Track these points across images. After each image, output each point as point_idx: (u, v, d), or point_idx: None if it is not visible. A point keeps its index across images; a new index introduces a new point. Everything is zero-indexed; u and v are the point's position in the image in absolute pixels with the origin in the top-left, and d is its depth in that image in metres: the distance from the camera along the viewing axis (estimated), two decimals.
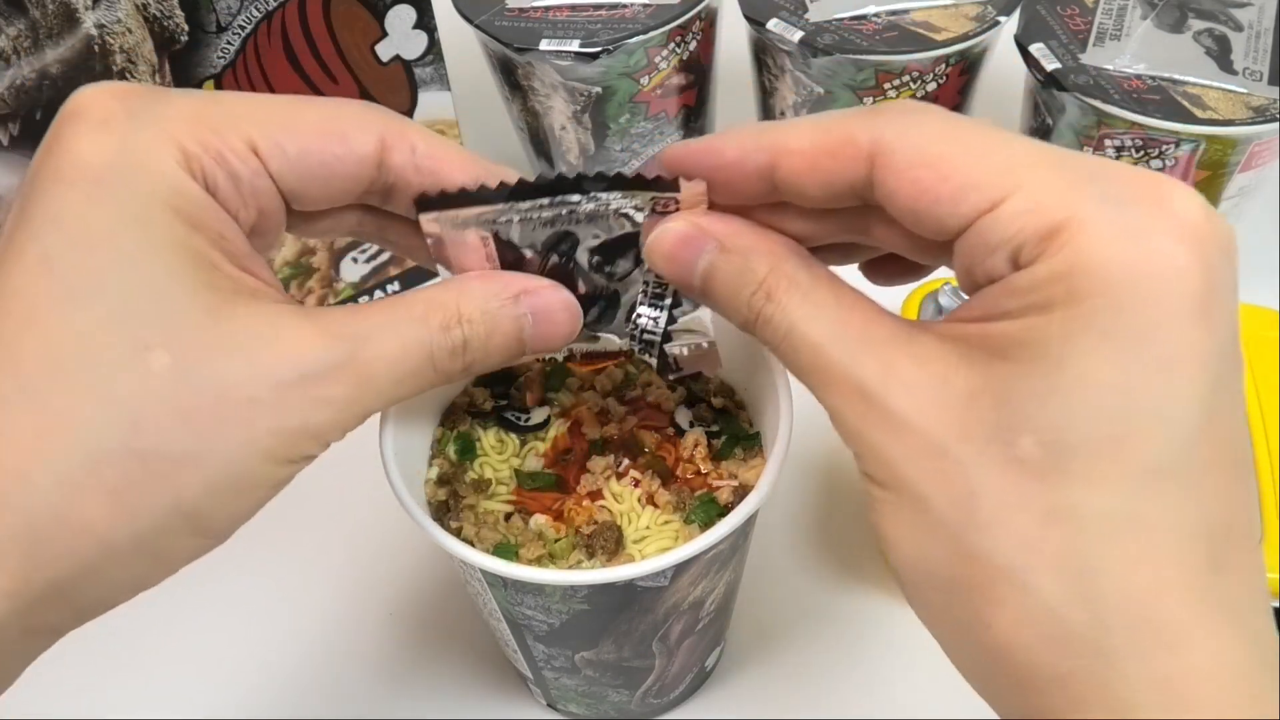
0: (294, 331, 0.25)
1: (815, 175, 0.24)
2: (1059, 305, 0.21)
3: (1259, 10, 0.49)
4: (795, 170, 0.25)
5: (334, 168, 0.26)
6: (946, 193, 0.22)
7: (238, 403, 0.24)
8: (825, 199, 0.25)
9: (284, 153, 0.26)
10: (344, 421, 0.26)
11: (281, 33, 0.46)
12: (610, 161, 0.55)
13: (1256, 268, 0.56)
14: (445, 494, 0.35)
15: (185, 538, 0.24)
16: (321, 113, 0.27)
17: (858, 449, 0.24)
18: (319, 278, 0.55)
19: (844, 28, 0.49)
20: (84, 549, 0.23)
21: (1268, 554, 0.39)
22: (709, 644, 0.40)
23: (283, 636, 0.46)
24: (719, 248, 0.26)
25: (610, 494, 0.34)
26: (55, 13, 0.40)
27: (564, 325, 0.29)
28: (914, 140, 0.23)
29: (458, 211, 0.28)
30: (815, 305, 0.25)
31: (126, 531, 0.23)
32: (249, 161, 0.25)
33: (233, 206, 0.25)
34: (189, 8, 0.43)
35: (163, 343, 0.23)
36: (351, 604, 0.47)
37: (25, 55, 0.40)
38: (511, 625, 0.36)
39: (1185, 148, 0.45)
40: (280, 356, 0.24)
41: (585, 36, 0.49)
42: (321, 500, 0.50)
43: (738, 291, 0.26)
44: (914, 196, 0.23)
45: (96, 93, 0.25)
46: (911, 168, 0.23)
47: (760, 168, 0.25)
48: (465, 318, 0.27)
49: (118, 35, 0.42)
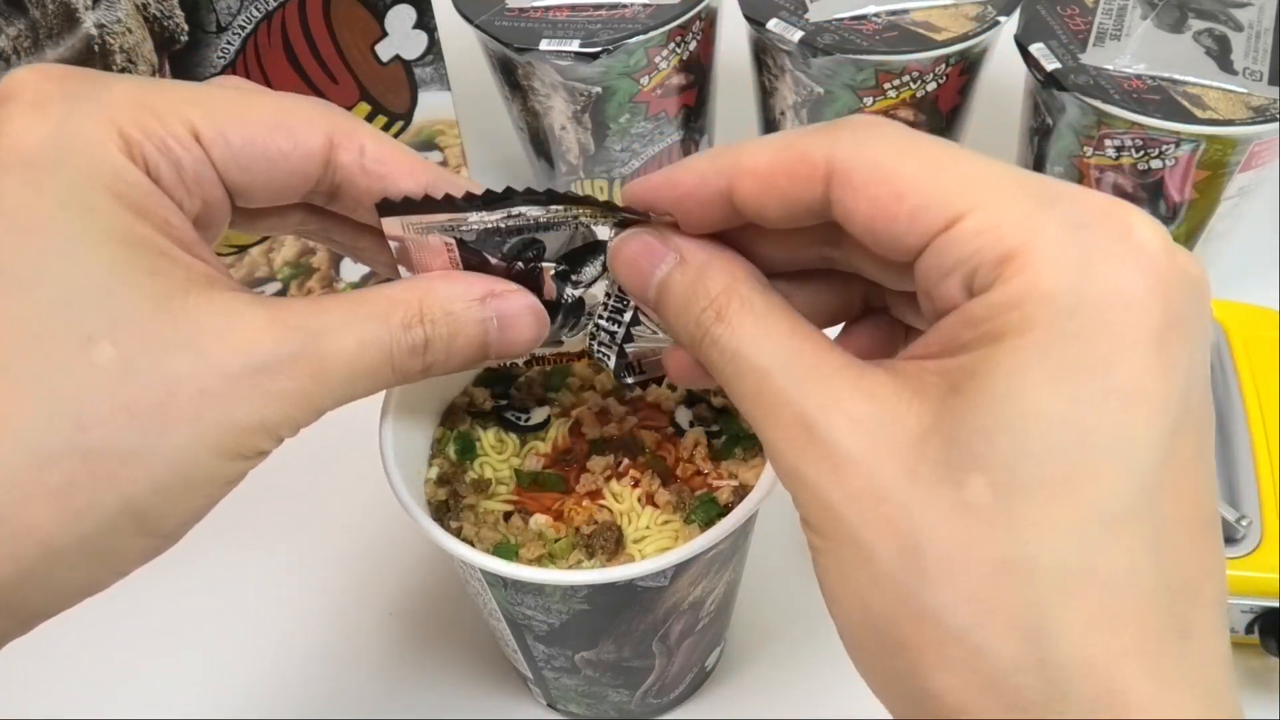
0: (247, 321, 0.24)
1: (773, 195, 0.23)
2: (1011, 333, 0.20)
3: (1259, 10, 0.49)
4: (752, 192, 0.24)
5: (279, 163, 0.25)
6: (904, 211, 0.21)
7: (186, 396, 0.23)
8: (786, 219, 0.24)
9: (228, 143, 0.25)
10: (296, 417, 0.25)
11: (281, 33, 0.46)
12: (610, 162, 0.55)
13: (1256, 268, 0.56)
14: (445, 494, 0.35)
15: (134, 538, 0.23)
16: (269, 105, 0.26)
17: (795, 490, 0.22)
18: (319, 277, 0.55)
19: (844, 28, 0.49)
20: (27, 552, 0.22)
21: (1267, 554, 0.39)
22: (709, 644, 0.40)
23: (283, 636, 0.46)
24: (678, 260, 0.26)
25: (610, 494, 0.34)
26: (55, 13, 0.40)
27: (530, 330, 0.28)
28: (870, 157, 0.22)
29: (420, 217, 0.27)
30: (766, 330, 0.24)
31: (72, 533, 0.22)
32: (192, 149, 0.24)
33: (177, 195, 0.24)
34: (189, 8, 0.43)
35: (107, 334, 0.22)
36: (352, 604, 0.47)
37: (25, 55, 0.40)
38: (511, 625, 0.36)
39: (1185, 148, 0.45)
40: (232, 348, 0.23)
41: (585, 36, 0.49)
42: (321, 500, 0.50)
43: (689, 306, 0.25)
44: (870, 215, 0.22)
45: (31, 74, 0.24)
46: (867, 185, 0.22)
47: (719, 191, 0.24)
48: (428, 317, 0.26)
49: (118, 35, 0.42)
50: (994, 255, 0.20)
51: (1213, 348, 0.46)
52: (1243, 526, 0.39)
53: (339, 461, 0.51)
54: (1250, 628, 0.40)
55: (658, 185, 0.26)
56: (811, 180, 0.23)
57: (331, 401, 0.25)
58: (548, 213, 0.27)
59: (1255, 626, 0.40)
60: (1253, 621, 0.40)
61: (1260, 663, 0.42)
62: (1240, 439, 0.42)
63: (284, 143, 0.25)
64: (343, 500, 0.49)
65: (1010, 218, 0.21)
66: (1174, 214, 0.48)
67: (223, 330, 0.23)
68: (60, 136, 0.23)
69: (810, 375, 0.22)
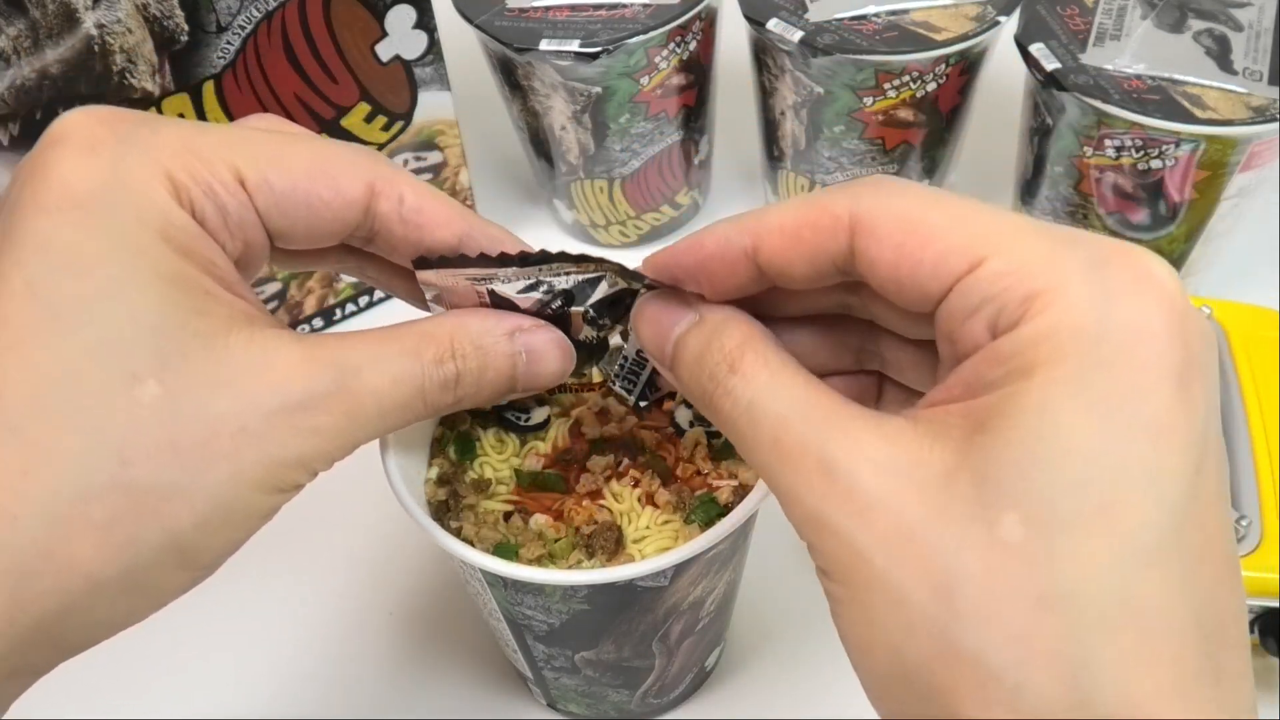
0: (284, 359, 0.24)
1: (797, 250, 0.24)
2: (1041, 367, 0.20)
3: (1259, 10, 0.49)
4: (777, 248, 0.24)
5: (320, 210, 0.26)
6: (928, 257, 0.22)
7: (228, 434, 0.23)
8: (809, 275, 0.24)
9: (271, 188, 0.25)
10: (332, 451, 0.25)
11: (281, 33, 0.46)
12: (610, 162, 0.55)
13: (1256, 268, 0.56)
14: (445, 494, 0.35)
15: (174, 571, 0.24)
16: (312, 153, 0.26)
17: (816, 537, 0.22)
18: (319, 277, 0.55)
19: (844, 28, 0.49)
20: (71, 586, 0.22)
21: (1267, 554, 0.39)
22: (709, 644, 0.40)
23: (283, 636, 0.46)
24: (697, 319, 0.26)
25: (610, 494, 0.34)
26: (55, 13, 0.40)
27: (556, 364, 0.29)
28: (893, 207, 0.23)
29: (454, 270, 0.28)
30: (781, 381, 0.24)
31: (115, 567, 0.23)
32: (236, 194, 0.25)
33: (220, 238, 0.25)
34: (189, 8, 0.43)
35: (152, 372, 0.23)
36: (352, 604, 0.47)
37: (25, 55, 0.40)
38: (511, 625, 0.36)
39: (1185, 148, 0.45)
40: (271, 386, 0.24)
41: (585, 36, 0.49)
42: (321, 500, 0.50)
43: (703, 359, 0.25)
44: (894, 263, 0.22)
45: (83, 117, 0.24)
46: (891, 234, 0.22)
47: (744, 251, 0.25)
48: (459, 352, 0.27)
49: (118, 35, 0.42)
50: (1020, 293, 0.21)
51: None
52: (1243, 526, 0.39)
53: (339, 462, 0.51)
54: (1250, 628, 0.40)
55: (682, 250, 0.26)
56: (835, 232, 0.23)
57: (365, 435, 0.26)
58: (579, 271, 0.28)
59: (1255, 626, 0.40)
60: (1253, 621, 0.40)
61: (1260, 663, 0.42)
62: (1240, 439, 0.42)
63: (325, 190, 0.26)
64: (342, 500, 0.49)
65: (1033, 258, 0.21)
66: (1174, 214, 0.48)
67: (261, 368, 0.24)
68: (111, 180, 0.23)
69: (829, 422, 0.22)
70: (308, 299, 0.55)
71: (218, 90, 0.46)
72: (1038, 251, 0.21)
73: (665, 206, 0.59)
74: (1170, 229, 0.49)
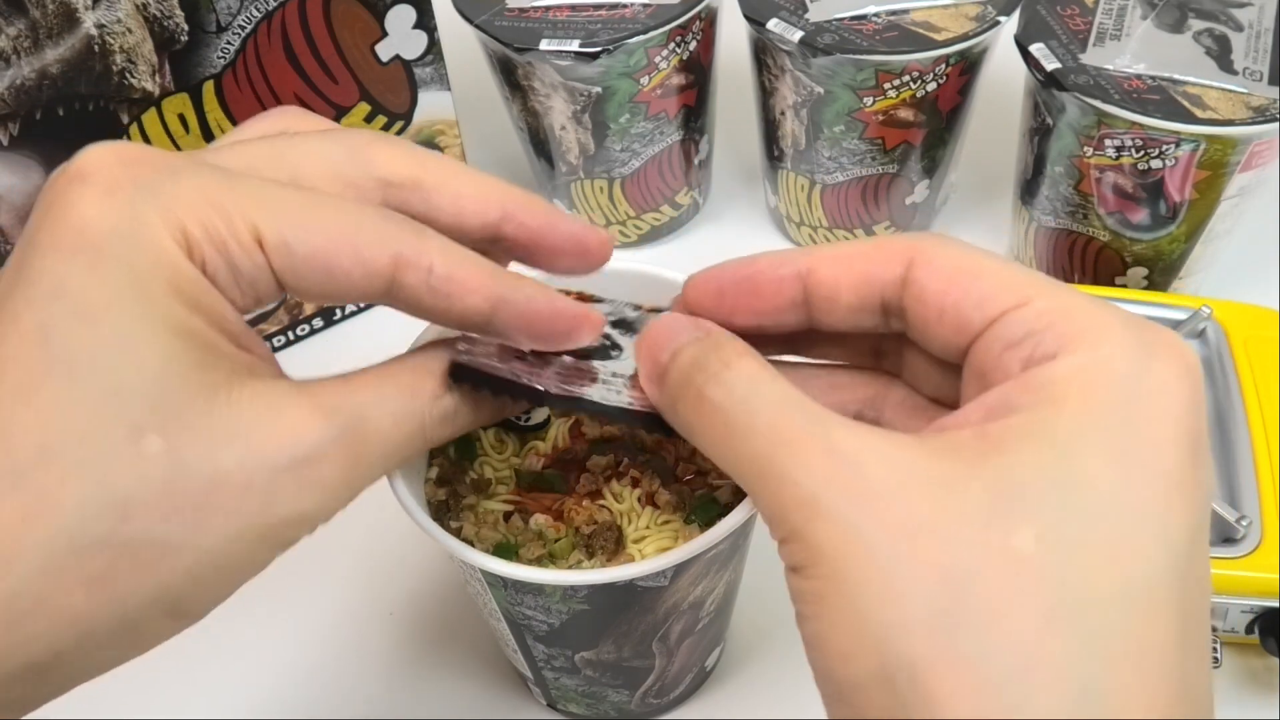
0: (290, 413, 0.24)
1: (850, 274, 0.25)
2: (1073, 399, 0.21)
3: (1259, 10, 0.49)
4: (830, 271, 0.25)
5: (339, 278, 0.25)
6: (977, 289, 0.23)
7: (230, 491, 0.23)
8: (853, 305, 0.25)
9: (290, 251, 0.25)
10: (333, 505, 0.25)
11: (281, 33, 0.46)
12: (610, 162, 0.55)
13: (1256, 268, 0.56)
14: (445, 494, 0.35)
15: (164, 620, 0.24)
16: (338, 218, 0.25)
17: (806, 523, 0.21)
18: None
19: (844, 28, 0.49)
20: (62, 634, 0.22)
21: (1267, 554, 0.39)
22: (709, 644, 0.40)
23: (282, 636, 0.46)
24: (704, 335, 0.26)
25: (610, 494, 0.34)
26: (55, 13, 0.40)
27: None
28: (951, 248, 0.24)
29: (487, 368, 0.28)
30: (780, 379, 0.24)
31: (105, 618, 0.23)
32: (253, 255, 0.24)
33: (230, 294, 0.25)
34: (189, 8, 0.43)
35: (157, 426, 0.23)
36: (352, 604, 0.47)
37: (25, 55, 0.40)
38: (511, 625, 0.36)
39: (1185, 148, 0.45)
40: (276, 441, 0.24)
41: (585, 36, 0.49)
42: None
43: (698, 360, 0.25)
44: (944, 291, 0.24)
45: (104, 156, 0.24)
46: (946, 266, 0.24)
47: (796, 270, 0.26)
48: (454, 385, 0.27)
49: (118, 35, 0.42)
50: (1062, 330, 0.22)
51: (1213, 348, 0.46)
52: (1243, 526, 0.39)
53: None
54: (1250, 628, 0.40)
55: (733, 264, 0.27)
56: (890, 261, 0.25)
57: (367, 482, 0.26)
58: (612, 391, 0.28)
59: (1255, 626, 0.40)
60: (1253, 621, 0.40)
61: (1260, 663, 0.42)
62: (1240, 439, 0.42)
63: (348, 261, 0.25)
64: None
65: (1077, 304, 0.23)
66: (1174, 214, 0.48)
67: (266, 422, 0.24)
68: (127, 226, 0.23)
69: (832, 417, 0.23)
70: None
71: (218, 90, 0.46)
72: (1080, 301, 0.23)
73: (665, 206, 0.59)
74: (1170, 229, 0.49)
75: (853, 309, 0.25)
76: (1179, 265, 0.51)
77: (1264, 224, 0.57)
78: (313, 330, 0.57)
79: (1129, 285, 0.52)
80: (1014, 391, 0.22)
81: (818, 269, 0.25)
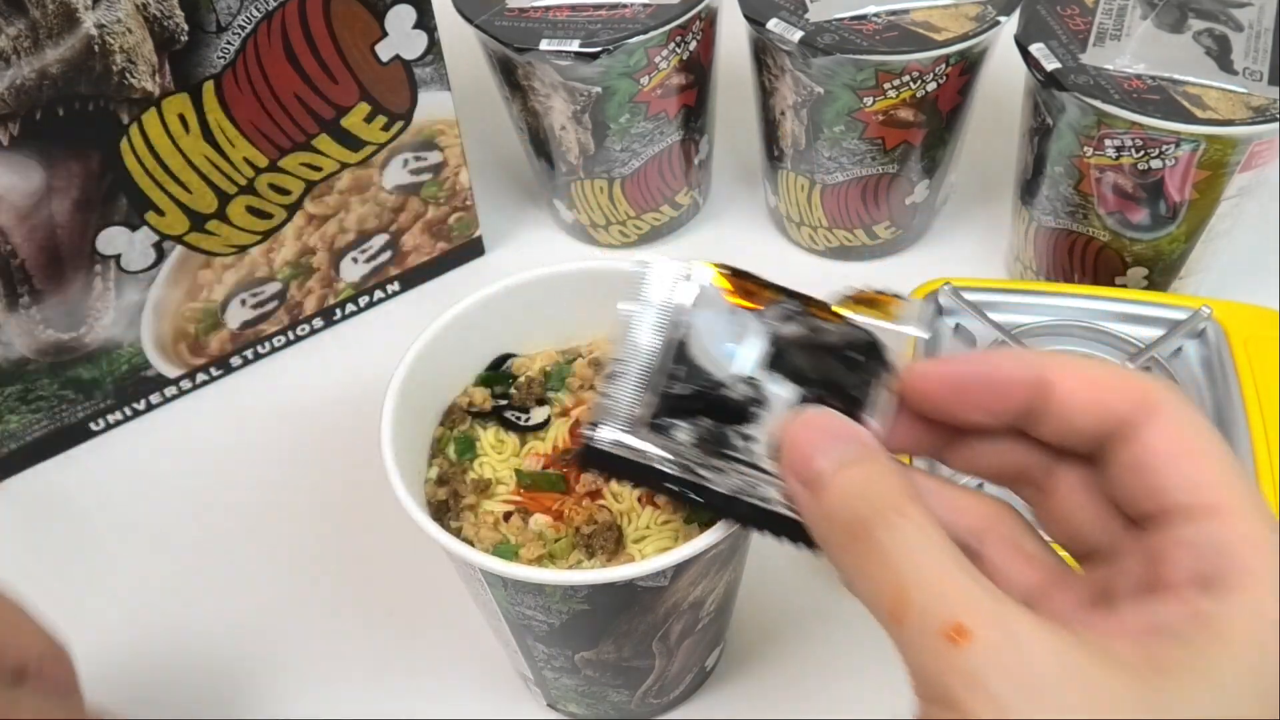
0: None
1: (1091, 402, 0.25)
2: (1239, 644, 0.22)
3: (1259, 10, 0.49)
4: (1070, 386, 0.25)
5: None
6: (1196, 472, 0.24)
7: None
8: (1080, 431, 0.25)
9: None
10: None
11: (281, 33, 0.46)
12: (610, 162, 0.55)
13: (1256, 268, 0.56)
14: (445, 494, 0.35)
15: None
16: None
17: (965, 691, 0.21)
18: (319, 278, 0.55)
19: (844, 28, 0.49)
20: None
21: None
22: (709, 644, 0.40)
23: (283, 636, 0.46)
24: (870, 451, 0.26)
25: (610, 493, 0.34)
26: (55, 13, 0.40)
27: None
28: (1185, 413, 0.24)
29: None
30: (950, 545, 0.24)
31: None
32: None
33: None
34: (189, 8, 0.43)
35: None
36: (351, 603, 0.47)
37: (25, 55, 0.40)
38: (511, 625, 0.36)
39: (1185, 148, 0.45)
40: None
41: (585, 36, 0.49)
42: (321, 500, 0.50)
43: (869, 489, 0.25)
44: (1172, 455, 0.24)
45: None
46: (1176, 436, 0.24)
47: (1036, 379, 0.25)
48: None
49: (118, 35, 0.42)
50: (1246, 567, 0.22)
51: (1213, 348, 0.46)
52: None
53: (340, 462, 0.51)
54: None
55: (967, 361, 0.27)
56: (1132, 405, 0.25)
57: None
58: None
59: None
60: None
61: None
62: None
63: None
64: (343, 500, 0.49)
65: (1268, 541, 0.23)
66: (1174, 214, 0.48)
67: None
68: None
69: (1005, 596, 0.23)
70: (308, 299, 0.55)
71: (217, 90, 0.46)
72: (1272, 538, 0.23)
73: (665, 206, 0.59)
74: (1170, 229, 0.49)
75: (1075, 431, 0.25)
76: (1179, 265, 0.51)
77: (1264, 224, 0.57)
78: (313, 330, 0.57)
79: (1129, 285, 0.52)
80: (1180, 619, 0.22)
81: (1058, 385, 0.25)
